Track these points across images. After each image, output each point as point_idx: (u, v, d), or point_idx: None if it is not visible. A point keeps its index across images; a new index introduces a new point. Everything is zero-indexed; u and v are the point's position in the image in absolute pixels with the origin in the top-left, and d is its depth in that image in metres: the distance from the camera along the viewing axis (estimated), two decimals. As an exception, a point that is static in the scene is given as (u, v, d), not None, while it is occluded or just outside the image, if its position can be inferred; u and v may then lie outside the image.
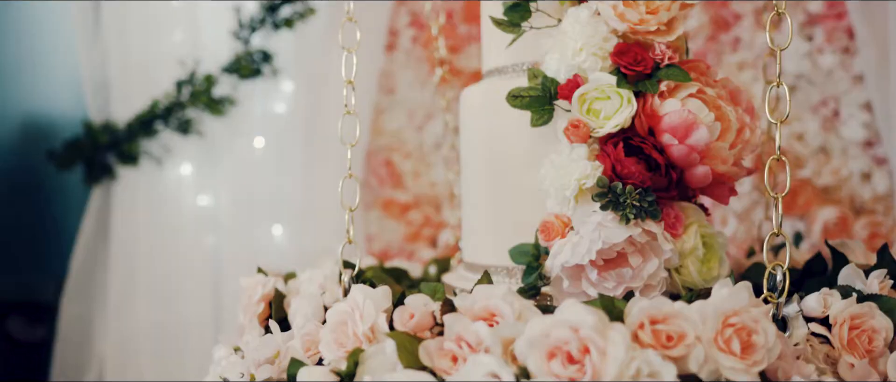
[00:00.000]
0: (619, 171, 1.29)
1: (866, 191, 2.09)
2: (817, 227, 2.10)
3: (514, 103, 1.36)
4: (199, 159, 2.50)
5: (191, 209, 2.51)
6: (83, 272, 2.55)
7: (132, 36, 2.50)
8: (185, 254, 2.49)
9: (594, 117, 1.31)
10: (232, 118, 2.43)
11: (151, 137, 2.43)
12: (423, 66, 2.38)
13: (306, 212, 2.42)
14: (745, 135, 1.35)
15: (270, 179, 2.47)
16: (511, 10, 1.41)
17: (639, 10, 1.31)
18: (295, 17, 2.30)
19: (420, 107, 2.39)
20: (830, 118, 2.10)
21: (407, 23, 2.40)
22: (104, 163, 2.48)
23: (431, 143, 2.38)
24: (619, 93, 1.30)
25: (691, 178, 1.31)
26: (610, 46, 1.33)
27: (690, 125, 1.28)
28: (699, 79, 1.35)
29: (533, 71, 1.37)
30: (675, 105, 1.30)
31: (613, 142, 1.30)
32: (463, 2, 2.35)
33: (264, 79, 2.37)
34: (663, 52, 1.32)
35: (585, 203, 1.30)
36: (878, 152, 2.08)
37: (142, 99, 2.47)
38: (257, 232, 2.49)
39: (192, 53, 2.44)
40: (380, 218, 2.43)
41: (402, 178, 2.41)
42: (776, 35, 1.78)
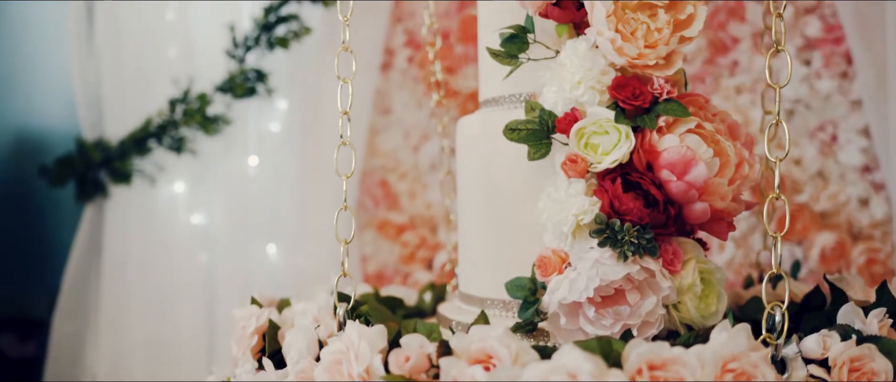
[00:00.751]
0: (617, 207, 1.28)
1: (864, 217, 2.08)
2: (815, 253, 2.09)
3: (511, 137, 1.35)
4: (193, 177, 2.48)
5: (184, 227, 2.49)
6: (76, 288, 2.54)
7: (126, 51, 2.49)
8: (178, 272, 2.48)
9: (592, 152, 1.30)
10: (226, 136, 2.42)
11: (144, 155, 2.41)
12: (419, 87, 2.37)
13: (301, 231, 2.40)
14: (744, 170, 1.34)
15: (265, 198, 2.46)
16: (508, 41, 1.40)
17: (637, 45, 1.30)
18: (290, 36, 2.29)
19: (416, 127, 2.37)
20: (828, 143, 2.10)
21: (403, 42, 2.39)
22: (96, 180, 2.46)
23: (427, 164, 2.36)
24: (617, 128, 1.29)
25: (690, 214, 1.30)
26: (608, 80, 1.32)
27: (689, 161, 1.27)
28: (697, 113, 1.34)
29: (530, 104, 1.36)
30: (673, 140, 1.29)
31: (611, 178, 1.29)
32: (459, 22, 2.34)
33: (259, 97, 2.35)
34: (662, 87, 1.31)
35: (583, 238, 1.29)
36: (876, 178, 2.07)
37: (135, 115, 2.45)
38: (251, 251, 2.47)
39: (186, 70, 2.43)
40: (375, 239, 2.41)
41: (398, 199, 2.39)
42: (775, 62, 1.77)
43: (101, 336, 2.49)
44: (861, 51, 2.03)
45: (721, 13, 2.15)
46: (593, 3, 1.31)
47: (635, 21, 1.31)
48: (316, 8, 2.29)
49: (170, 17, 2.50)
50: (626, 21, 1.31)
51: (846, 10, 2.03)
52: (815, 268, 2.10)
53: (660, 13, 1.32)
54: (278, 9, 2.29)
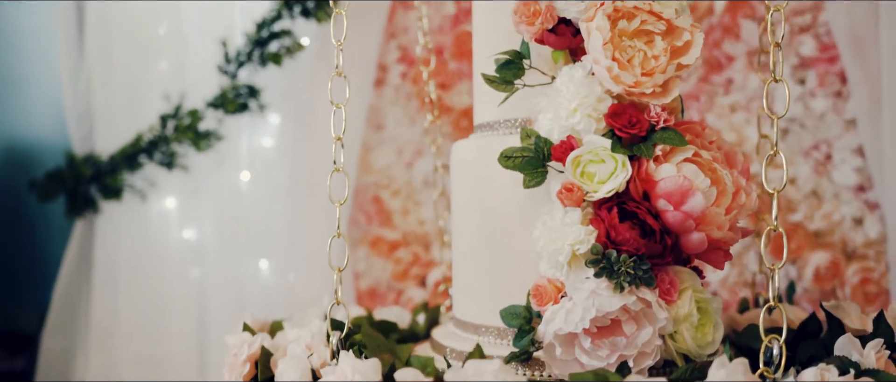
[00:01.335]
0: (613, 237, 1.27)
1: (858, 236, 2.07)
2: (809, 272, 2.08)
3: (506, 164, 1.34)
4: (184, 192, 2.46)
5: (175, 242, 2.47)
6: (65, 304, 2.52)
7: (117, 66, 2.47)
8: (169, 288, 2.46)
9: (588, 180, 1.29)
10: (218, 151, 2.40)
11: (135, 171, 2.39)
12: (413, 103, 2.36)
13: (293, 247, 2.39)
14: (741, 198, 1.33)
15: (257, 213, 2.44)
16: (504, 67, 1.39)
17: (634, 73, 1.29)
18: (282, 52, 2.27)
19: (409, 143, 2.36)
20: (822, 162, 2.09)
21: (396, 58, 2.37)
22: (87, 195, 2.44)
23: (420, 181, 2.35)
24: (613, 156, 1.28)
25: (687, 244, 1.29)
26: (604, 107, 1.31)
27: (686, 192, 1.26)
28: (694, 141, 1.33)
29: (526, 131, 1.35)
30: (670, 170, 1.28)
31: (607, 207, 1.28)
32: (453, 38, 2.33)
33: (251, 112, 2.34)
34: (658, 114, 1.30)
35: (579, 268, 1.28)
36: (870, 197, 2.07)
37: (126, 130, 2.43)
38: (243, 266, 2.45)
39: (178, 86, 2.41)
40: (368, 255, 2.40)
41: (391, 216, 2.38)
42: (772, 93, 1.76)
43: (90, 353, 2.47)
44: (855, 70, 2.03)
45: (716, 31, 2.15)
46: (590, 29, 1.30)
47: (632, 48, 1.30)
48: (309, 24, 2.28)
49: (161, 32, 2.48)
50: (623, 48, 1.30)
51: (840, 29, 2.03)
52: (809, 288, 2.09)
53: (657, 40, 1.31)
54: (271, 24, 2.27)
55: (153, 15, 2.47)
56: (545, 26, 1.35)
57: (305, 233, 2.36)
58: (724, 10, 2.15)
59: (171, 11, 2.46)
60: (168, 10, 2.47)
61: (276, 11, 2.26)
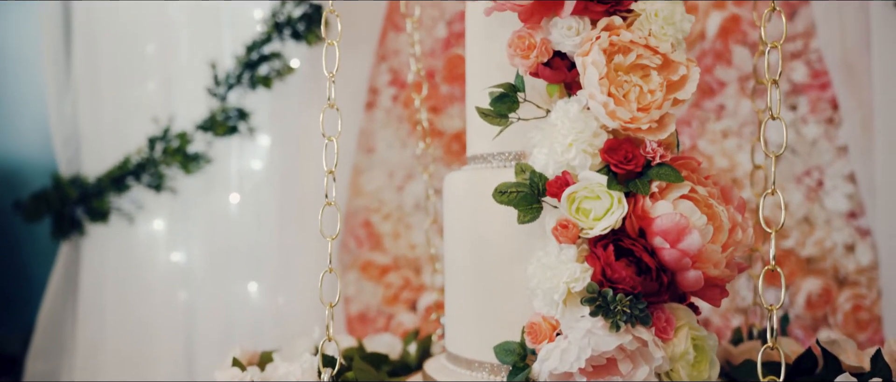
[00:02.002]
0: (609, 275, 1.25)
1: (850, 263, 2.07)
2: (801, 299, 2.08)
3: (500, 200, 1.32)
4: (173, 214, 2.44)
5: (163, 265, 2.45)
6: (50, 327, 2.49)
7: (104, 86, 2.45)
8: (156, 311, 2.43)
9: (583, 217, 1.27)
10: (206, 174, 2.38)
11: (122, 193, 2.37)
12: (404, 126, 2.34)
13: (282, 269, 2.37)
14: (737, 235, 1.32)
15: (246, 235, 2.42)
16: (498, 101, 1.38)
17: (630, 108, 1.28)
18: (273, 75, 2.25)
19: (400, 166, 2.34)
20: (814, 188, 2.09)
21: (387, 81, 2.36)
22: (73, 217, 2.41)
23: (411, 204, 2.34)
24: (609, 193, 1.27)
25: (683, 282, 1.28)
26: (600, 142, 1.30)
27: (682, 229, 1.25)
28: (690, 176, 1.32)
29: (520, 166, 1.33)
30: (666, 207, 1.27)
31: (603, 244, 1.27)
32: (445, 62, 2.32)
33: (240, 135, 2.32)
34: (654, 150, 1.29)
35: (574, 305, 1.26)
36: (861, 224, 2.07)
37: (113, 151, 2.41)
38: (232, 289, 2.43)
39: (166, 108, 2.39)
40: (358, 279, 2.38)
41: (382, 240, 2.36)
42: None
43: (76, 376, 2.43)
44: (847, 97, 2.03)
45: (708, 57, 2.15)
46: (586, 64, 1.29)
47: (628, 83, 1.30)
48: (299, 46, 2.26)
49: (149, 51, 2.46)
50: (619, 83, 1.29)
51: (832, 56, 2.03)
52: (802, 314, 2.09)
53: (653, 74, 1.30)
54: (260, 47, 2.25)
55: (141, 33, 2.45)
56: (540, 60, 1.34)
57: (295, 256, 2.34)
58: (715, 36, 2.15)
59: (159, 31, 2.44)
60: (156, 29, 2.44)
61: (265, 34, 2.24)
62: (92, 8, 2.45)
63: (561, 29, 1.33)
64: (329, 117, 1.38)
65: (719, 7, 2.14)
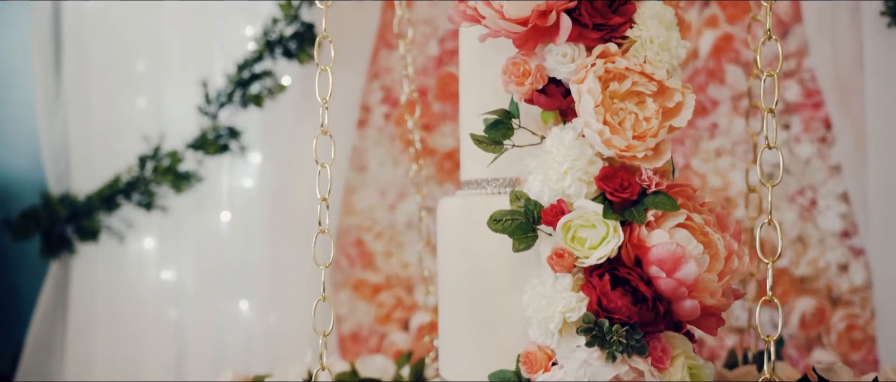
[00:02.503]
0: (605, 305, 1.25)
1: (844, 283, 2.07)
2: (795, 318, 2.08)
3: (495, 228, 1.32)
4: (163, 233, 2.42)
5: (153, 283, 2.43)
6: (40, 346, 2.47)
7: (94, 103, 2.43)
8: (146, 330, 2.41)
9: (579, 245, 1.27)
10: (197, 192, 2.36)
11: (112, 212, 2.35)
12: (396, 144, 2.33)
13: (274, 287, 2.35)
14: (733, 263, 1.32)
15: (237, 253, 2.40)
16: (492, 128, 1.37)
17: (625, 136, 1.28)
18: (264, 94, 2.24)
19: (392, 185, 2.33)
20: (808, 208, 2.09)
21: (379, 99, 2.35)
22: (63, 236, 2.40)
23: (404, 223, 2.33)
24: (605, 222, 1.26)
25: (679, 311, 1.27)
26: (595, 170, 1.29)
27: (679, 259, 1.25)
28: (686, 204, 1.31)
29: (515, 193, 1.33)
30: (662, 236, 1.26)
31: (599, 273, 1.27)
32: (437, 80, 2.31)
33: (232, 154, 2.31)
34: (650, 178, 1.29)
35: (570, 336, 1.26)
36: (855, 243, 2.07)
37: (103, 168, 2.39)
38: (223, 308, 2.42)
39: (157, 126, 2.37)
40: (350, 299, 2.36)
41: (374, 259, 2.35)
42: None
43: (65, 397, 2.42)
44: (840, 116, 2.03)
45: (700, 75, 2.15)
46: (581, 92, 1.28)
47: (624, 110, 1.29)
48: (291, 63, 2.25)
49: (140, 67, 2.44)
50: (615, 111, 1.29)
51: (825, 75, 2.04)
52: (795, 334, 2.09)
53: (648, 101, 1.30)
54: (252, 65, 2.24)
55: (132, 50, 2.44)
56: (535, 87, 1.33)
57: (286, 274, 2.32)
58: (708, 55, 2.15)
59: (150, 47, 2.43)
60: (147, 46, 2.43)
61: (257, 52, 2.23)
62: (82, 24, 2.44)
63: (556, 56, 1.32)
64: (322, 143, 1.38)
65: (712, 26, 2.14)
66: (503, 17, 1.29)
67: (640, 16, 1.32)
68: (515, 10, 1.28)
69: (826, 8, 2.00)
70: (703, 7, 2.15)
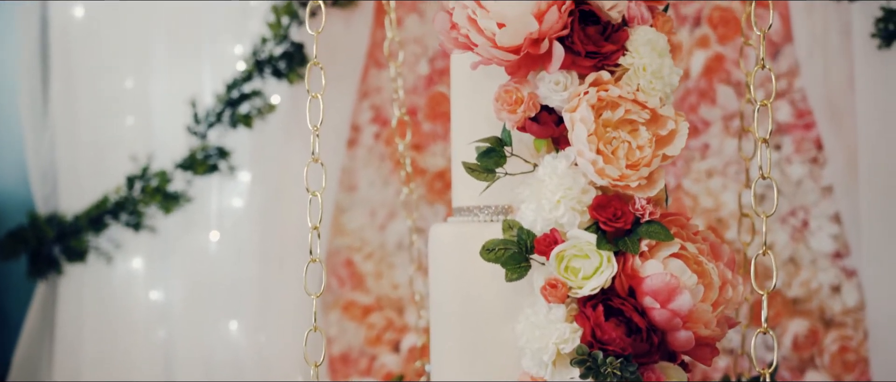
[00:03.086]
0: (599, 336, 1.24)
1: (836, 304, 2.07)
2: (787, 340, 2.08)
3: (487, 257, 1.31)
4: (151, 253, 2.40)
5: (142, 304, 2.41)
6: (26, 367, 2.43)
7: (82, 122, 2.41)
8: (135, 351, 2.39)
9: (572, 276, 1.26)
10: (186, 211, 2.34)
11: (100, 232, 2.33)
12: (386, 164, 2.32)
13: (264, 307, 2.34)
14: (728, 293, 1.32)
15: (226, 273, 2.38)
16: (485, 156, 1.36)
17: (619, 166, 1.27)
18: (253, 114, 2.23)
19: (382, 205, 2.32)
20: (800, 229, 2.09)
21: (369, 119, 2.34)
22: (50, 256, 2.37)
23: (394, 243, 2.31)
24: (599, 253, 1.25)
25: (674, 342, 1.27)
26: (588, 198, 1.29)
27: (673, 290, 1.24)
28: (680, 233, 1.31)
29: (508, 222, 1.32)
30: (656, 267, 1.26)
31: (593, 304, 1.26)
32: (427, 99, 2.30)
33: (221, 173, 2.29)
34: (643, 208, 1.28)
35: (563, 367, 1.26)
36: (847, 264, 2.07)
37: (91, 187, 2.37)
38: (212, 327, 2.39)
39: (145, 144, 2.35)
40: (340, 320, 2.35)
41: (364, 279, 2.33)
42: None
43: (51, 420, 2.39)
44: (831, 137, 2.03)
45: (692, 95, 2.15)
46: (574, 121, 1.28)
47: (617, 139, 1.28)
48: (280, 84, 2.23)
49: (128, 85, 2.42)
50: (608, 140, 1.28)
51: (816, 96, 2.04)
52: (788, 356, 2.08)
53: (641, 130, 1.29)
54: (241, 85, 2.23)
55: (120, 68, 2.41)
56: (528, 115, 1.33)
57: (276, 294, 2.31)
58: (700, 75, 2.15)
59: (139, 66, 2.41)
60: (135, 64, 2.41)
61: (246, 72, 2.21)
62: (70, 41, 2.41)
63: (548, 83, 1.31)
64: (313, 171, 1.36)
65: (703, 46, 2.14)
66: (495, 45, 1.28)
67: (632, 43, 1.32)
68: (508, 39, 1.27)
69: (817, 29, 2.00)
70: (694, 27, 2.15)
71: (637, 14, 1.35)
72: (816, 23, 1.99)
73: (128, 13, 2.38)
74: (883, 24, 1.85)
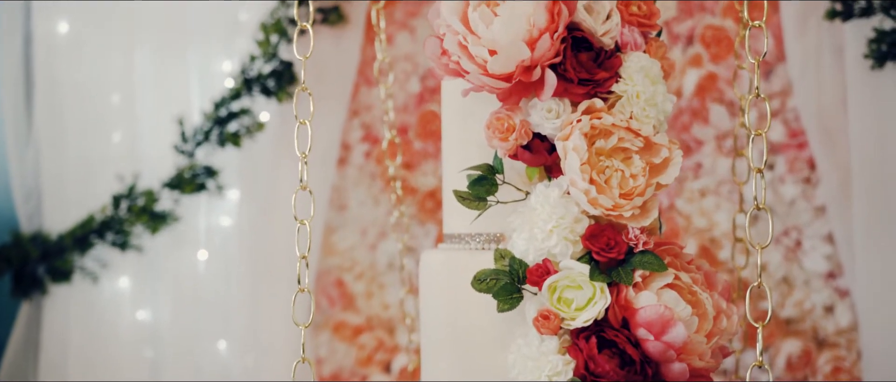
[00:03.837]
0: (592, 369, 1.23)
1: (830, 325, 2.06)
2: (781, 361, 2.06)
3: (479, 288, 1.29)
4: (138, 272, 2.37)
5: (129, 324, 2.37)
6: (10, 390, 2.40)
7: (68, 139, 2.37)
8: (121, 372, 2.35)
9: (565, 307, 1.25)
10: (174, 230, 2.31)
11: (86, 252, 2.30)
12: (377, 183, 2.30)
13: (252, 327, 2.31)
14: (722, 323, 1.30)
15: (215, 292, 2.36)
16: (476, 184, 1.34)
17: (612, 196, 1.25)
18: (242, 132, 2.20)
19: (373, 224, 2.29)
20: (793, 249, 2.08)
21: (360, 137, 2.31)
22: (34, 276, 2.33)
23: (385, 263, 2.29)
24: (592, 284, 1.24)
25: (667, 374, 1.25)
26: (581, 228, 1.27)
27: (667, 322, 1.23)
28: (673, 263, 1.29)
29: (500, 252, 1.30)
30: (650, 298, 1.24)
31: (585, 336, 1.24)
32: (418, 117, 2.28)
33: (209, 192, 2.26)
34: (637, 238, 1.27)
35: (557, 400, 1.23)
36: (840, 284, 2.05)
37: (76, 206, 2.34)
38: (200, 347, 2.37)
39: (131, 162, 2.32)
40: (330, 340, 2.32)
41: (354, 300, 2.31)
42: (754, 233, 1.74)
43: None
44: (824, 156, 2.02)
45: (685, 115, 2.13)
46: (566, 150, 1.26)
47: (610, 168, 1.27)
48: (269, 101, 2.21)
49: (114, 100, 2.39)
50: (601, 169, 1.26)
51: (809, 115, 2.02)
52: (781, 376, 2.07)
53: (635, 158, 1.28)
54: (229, 102, 2.20)
55: (105, 84, 2.38)
56: (520, 142, 1.31)
57: (265, 313, 2.28)
58: (692, 94, 2.13)
59: (124, 80, 2.38)
60: (121, 81, 2.38)
61: (234, 90, 2.19)
62: (54, 56, 2.38)
63: (540, 111, 1.30)
64: (301, 199, 1.34)
65: (696, 65, 2.13)
66: (487, 72, 1.27)
67: (626, 70, 1.30)
68: (499, 66, 1.26)
69: (810, 49, 1.99)
70: (687, 46, 2.14)
71: (630, 39, 1.34)
72: (809, 43, 1.98)
73: (113, 28, 2.36)
74: (876, 44, 1.84)
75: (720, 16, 2.12)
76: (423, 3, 2.28)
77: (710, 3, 2.12)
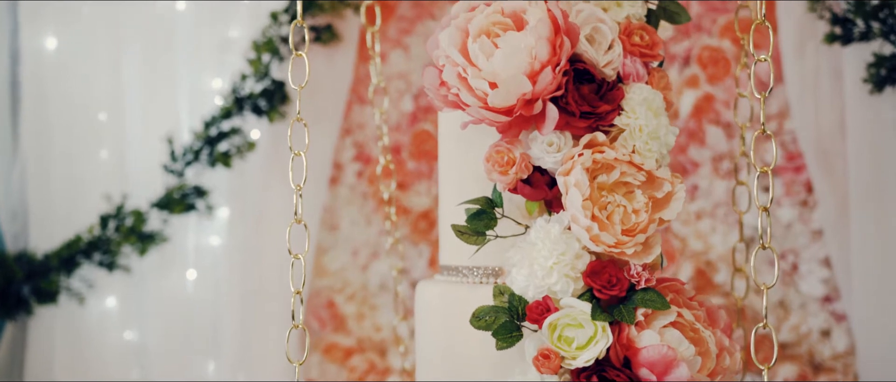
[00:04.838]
0: (593, 410, 1.20)
1: (826, 349, 2.04)
2: (777, 386, 2.05)
3: (477, 325, 1.27)
4: (126, 292, 2.33)
5: (116, 345, 2.33)
6: (-6, 413, 2.36)
7: (54, 157, 2.33)
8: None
9: (566, 346, 1.22)
10: (162, 250, 2.27)
11: (72, 272, 2.26)
12: (369, 202, 2.26)
13: (242, 347, 2.28)
14: (725, 361, 1.29)
15: (204, 313, 2.32)
16: (475, 218, 1.31)
17: (614, 232, 1.23)
18: (233, 152, 2.16)
19: (365, 245, 2.26)
20: (789, 272, 2.06)
21: (352, 157, 2.28)
22: (19, 296, 2.29)
23: (376, 284, 2.26)
24: (594, 323, 1.21)
25: (670, 415, 1.22)
26: (582, 264, 1.25)
27: (670, 363, 1.21)
28: (676, 299, 1.27)
29: (499, 288, 1.28)
30: (653, 337, 1.22)
31: (587, 375, 1.22)
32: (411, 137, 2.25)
33: (198, 212, 2.23)
34: (639, 274, 1.24)
35: (557, 441, 1.21)
36: (837, 308, 2.04)
37: (63, 226, 2.29)
38: (189, 368, 2.33)
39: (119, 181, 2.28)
40: (321, 362, 2.29)
41: (345, 321, 2.28)
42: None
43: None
44: (822, 180, 2.00)
45: (681, 137, 2.11)
46: (568, 185, 1.23)
47: (612, 203, 1.25)
48: (260, 120, 2.17)
49: (102, 118, 2.35)
50: (603, 205, 1.24)
51: (806, 139, 2.01)
52: (778, 401, 2.05)
53: (637, 192, 1.26)
54: (219, 122, 2.16)
55: (93, 101, 2.34)
56: (520, 176, 1.29)
57: (255, 334, 2.25)
58: (689, 115, 2.12)
59: (112, 99, 2.34)
60: (109, 98, 2.34)
61: (225, 110, 2.15)
62: (42, 74, 2.34)
63: (541, 144, 1.27)
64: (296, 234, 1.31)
65: (692, 86, 2.11)
66: (487, 106, 1.24)
67: (628, 102, 1.28)
68: (500, 99, 1.23)
69: (808, 72, 1.97)
70: (684, 67, 2.12)
71: (632, 71, 1.32)
72: (808, 66, 1.96)
73: (101, 44, 2.32)
74: (874, 69, 1.83)
75: (717, 37, 2.10)
76: (417, 21, 2.26)
77: (708, 24, 2.10)
